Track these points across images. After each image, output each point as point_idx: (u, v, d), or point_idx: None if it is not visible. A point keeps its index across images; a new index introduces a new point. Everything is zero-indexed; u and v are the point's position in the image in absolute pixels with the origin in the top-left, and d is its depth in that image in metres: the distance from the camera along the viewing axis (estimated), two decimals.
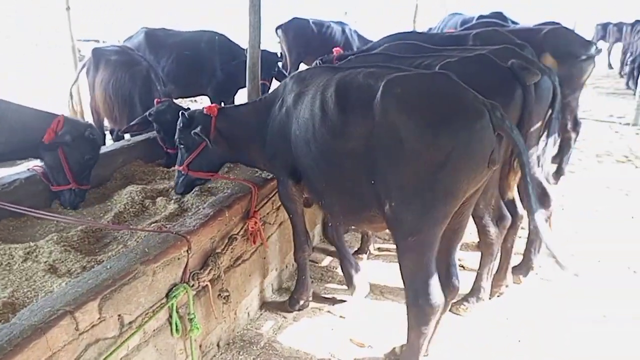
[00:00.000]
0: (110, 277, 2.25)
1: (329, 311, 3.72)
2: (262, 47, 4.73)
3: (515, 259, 3.98)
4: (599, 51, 5.30)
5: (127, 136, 5.70)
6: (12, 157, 3.79)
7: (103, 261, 2.85)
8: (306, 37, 9.48)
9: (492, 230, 3.47)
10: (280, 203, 3.77)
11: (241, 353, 3.25)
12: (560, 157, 6.07)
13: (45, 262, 2.86)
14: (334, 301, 3.83)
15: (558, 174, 6.06)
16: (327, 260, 4.47)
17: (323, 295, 3.91)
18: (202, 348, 3.03)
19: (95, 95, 5.49)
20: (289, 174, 3.23)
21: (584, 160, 7.19)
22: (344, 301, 3.82)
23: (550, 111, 3.44)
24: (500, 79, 3.09)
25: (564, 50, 5.01)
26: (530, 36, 4.92)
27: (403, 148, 2.43)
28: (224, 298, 2.99)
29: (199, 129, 3.43)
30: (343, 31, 9.58)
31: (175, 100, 4.84)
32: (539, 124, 3.50)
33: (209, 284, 2.88)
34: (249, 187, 3.40)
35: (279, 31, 9.68)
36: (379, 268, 4.29)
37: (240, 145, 3.53)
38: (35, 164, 3.75)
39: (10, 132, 3.51)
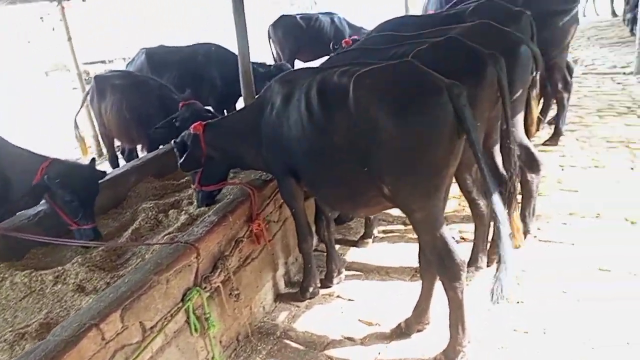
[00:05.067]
0: (128, 289, 2.55)
1: (338, 296, 3.98)
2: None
3: None
4: None
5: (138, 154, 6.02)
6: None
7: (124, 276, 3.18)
8: (295, 33, 9.62)
9: (482, 202, 3.66)
10: (282, 201, 4.03)
11: (259, 344, 3.53)
12: (556, 118, 6.18)
13: (73, 283, 3.20)
14: (343, 286, 4.08)
15: (556, 135, 6.17)
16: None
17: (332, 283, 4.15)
18: (222, 343, 3.32)
19: (106, 121, 5.78)
20: (289, 172, 3.45)
21: (585, 117, 7.21)
22: (353, 285, 4.07)
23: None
24: (468, 59, 3.22)
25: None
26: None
27: (381, 134, 2.68)
28: (235, 296, 3.27)
29: (187, 152, 3.71)
30: (332, 21, 9.67)
31: None
32: (519, 93, 3.67)
33: (220, 284, 3.17)
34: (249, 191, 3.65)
35: (270, 31, 9.85)
36: (385, 250, 4.51)
37: (235, 153, 3.77)
38: None
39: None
